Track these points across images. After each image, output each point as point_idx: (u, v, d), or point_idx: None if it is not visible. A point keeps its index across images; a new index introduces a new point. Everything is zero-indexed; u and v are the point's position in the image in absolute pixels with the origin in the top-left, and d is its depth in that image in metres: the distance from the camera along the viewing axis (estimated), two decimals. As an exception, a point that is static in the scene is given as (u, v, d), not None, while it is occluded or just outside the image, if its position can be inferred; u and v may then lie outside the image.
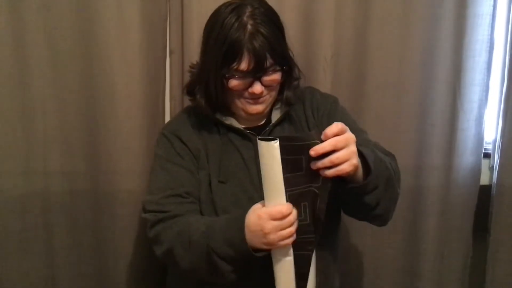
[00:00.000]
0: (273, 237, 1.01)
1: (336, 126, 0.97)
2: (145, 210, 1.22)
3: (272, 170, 1.00)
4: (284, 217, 1.00)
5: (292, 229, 1.02)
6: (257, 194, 1.18)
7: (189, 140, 1.26)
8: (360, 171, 1.05)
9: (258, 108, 1.21)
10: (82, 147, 1.59)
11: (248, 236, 1.04)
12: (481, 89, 1.72)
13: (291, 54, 1.25)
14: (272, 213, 1.01)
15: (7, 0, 1.46)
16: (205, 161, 1.24)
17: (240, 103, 1.21)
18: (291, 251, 1.06)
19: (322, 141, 0.97)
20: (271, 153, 0.99)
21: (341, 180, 1.04)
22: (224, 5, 1.18)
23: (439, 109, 1.70)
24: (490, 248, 1.83)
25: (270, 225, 1.00)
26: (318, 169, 0.98)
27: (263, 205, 1.04)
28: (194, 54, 1.48)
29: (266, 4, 1.21)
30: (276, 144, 0.99)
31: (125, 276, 1.67)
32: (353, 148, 0.99)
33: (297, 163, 1.00)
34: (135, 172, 1.58)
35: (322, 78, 1.62)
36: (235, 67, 1.13)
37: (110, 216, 1.62)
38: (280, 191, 1.01)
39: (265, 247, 1.03)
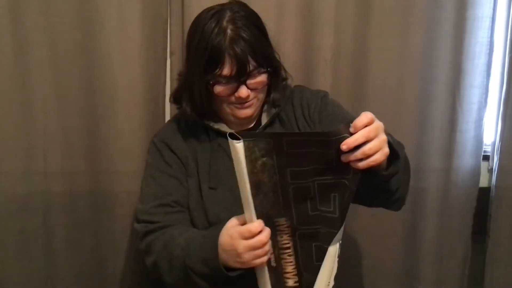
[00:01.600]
0: (247, 256, 0.99)
1: (366, 116, 0.92)
2: (137, 220, 1.22)
3: (238, 174, 0.98)
4: (253, 235, 0.98)
5: (267, 247, 0.99)
6: None
7: (177, 147, 1.25)
8: None
9: (247, 112, 1.20)
10: (82, 148, 1.59)
11: (223, 255, 1.02)
12: (481, 91, 1.72)
13: (276, 55, 1.23)
14: (242, 232, 0.98)
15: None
16: (194, 168, 1.24)
17: (228, 109, 1.20)
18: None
19: (351, 134, 0.93)
20: (235, 153, 0.96)
21: (368, 171, 0.98)
22: (205, 11, 1.17)
23: (438, 111, 1.70)
24: (489, 250, 1.83)
25: (242, 245, 0.98)
26: (349, 162, 0.94)
27: (239, 220, 1.02)
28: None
29: (247, 7, 1.19)
30: (238, 144, 0.94)
31: (124, 276, 1.67)
32: (383, 137, 0.94)
33: (328, 158, 0.96)
34: (135, 172, 1.58)
35: (322, 80, 1.62)
36: (218, 73, 1.11)
37: (110, 216, 1.63)
38: (248, 200, 0.99)
39: (240, 266, 1.01)
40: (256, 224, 0.98)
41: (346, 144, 0.91)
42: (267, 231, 0.99)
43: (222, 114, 1.24)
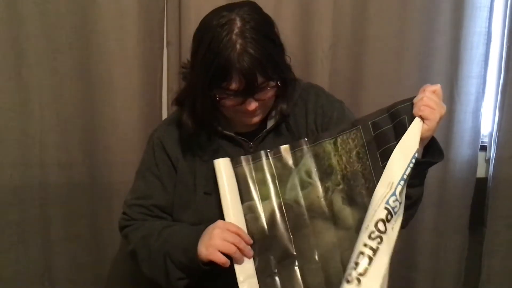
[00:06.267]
0: (217, 241, 1.05)
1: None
2: (122, 211, 1.27)
3: (221, 189, 1.11)
4: (235, 232, 1.07)
5: (233, 247, 1.05)
6: None
7: (172, 149, 1.24)
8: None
9: (255, 119, 1.18)
10: (79, 139, 1.59)
11: (199, 245, 1.08)
12: (478, 81, 1.72)
13: (287, 61, 1.18)
14: (229, 226, 1.08)
15: (3, -10, 1.46)
16: (187, 172, 1.22)
17: (237, 117, 1.18)
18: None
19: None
20: (218, 169, 1.12)
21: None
22: (214, 16, 1.10)
23: (436, 101, 1.70)
24: (486, 240, 1.84)
25: (219, 230, 1.07)
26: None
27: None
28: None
29: (259, 12, 1.13)
30: (222, 161, 1.12)
31: (122, 267, 1.67)
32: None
33: (401, 126, 1.07)
34: (132, 163, 1.55)
35: (320, 69, 1.62)
36: (226, 87, 1.08)
37: (107, 207, 1.62)
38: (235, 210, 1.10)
39: (204, 251, 1.06)
40: (240, 228, 1.09)
41: (426, 87, 1.08)
42: (245, 238, 1.08)
43: (231, 119, 1.21)
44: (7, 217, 1.58)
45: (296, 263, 1.09)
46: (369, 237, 1.00)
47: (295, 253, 1.10)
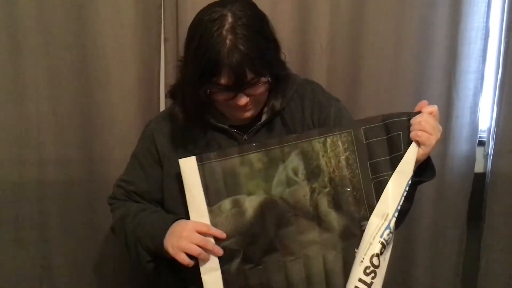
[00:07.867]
0: (184, 243, 1.08)
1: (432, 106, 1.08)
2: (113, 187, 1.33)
3: (192, 187, 1.10)
4: (204, 233, 1.09)
5: (198, 249, 1.07)
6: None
7: (161, 143, 1.24)
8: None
9: (247, 114, 1.17)
10: (76, 136, 1.59)
11: (167, 237, 1.11)
12: (476, 76, 1.72)
13: (282, 57, 1.18)
14: (199, 226, 1.09)
15: (0, -13, 1.45)
16: (175, 166, 1.19)
17: (229, 111, 1.17)
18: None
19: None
20: (187, 170, 1.09)
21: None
22: (206, 12, 1.10)
23: (434, 96, 1.70)
24: (484, 235, 1.84)
25: (187, 233, 1.09)
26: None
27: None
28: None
29: (250, 9, 1.11)
30: (192, 158, 1.09)
31: (120, 264, 1.67)
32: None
33: (395, 142, 1.06)
34: None
35: (318, 65, 1.62)
36: (216, 81, 1.08)
37: (105, 204, 1.59)
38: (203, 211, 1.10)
39: (170, 250, 1.10)
40: (211, 227, 1.10)
41: (424, 105, 1.08)
42: (212, 241, 1.10)
43: (223, 113, 1.21)
44: (5, 214, 1.58)
45: (280, 258, 1.11)
46: (364, 272, 1.02)
47: (279, 248, 1.11)
